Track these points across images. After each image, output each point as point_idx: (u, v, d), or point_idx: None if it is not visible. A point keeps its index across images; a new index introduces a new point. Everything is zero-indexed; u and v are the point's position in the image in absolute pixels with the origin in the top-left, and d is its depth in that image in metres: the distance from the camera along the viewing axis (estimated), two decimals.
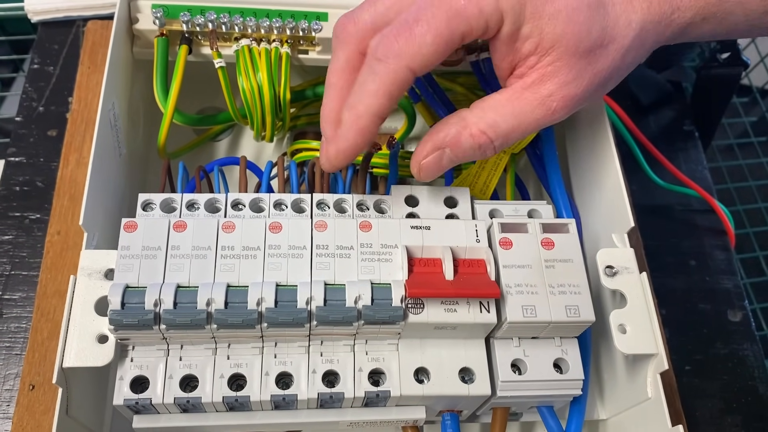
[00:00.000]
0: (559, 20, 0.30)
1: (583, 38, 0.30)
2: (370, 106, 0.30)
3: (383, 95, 0.30)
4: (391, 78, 0.30)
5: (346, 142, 0.31)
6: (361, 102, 0.30)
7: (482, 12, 0.29)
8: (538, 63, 0.31)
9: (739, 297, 0.51)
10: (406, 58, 0.29)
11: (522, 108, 0.31)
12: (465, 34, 0.30)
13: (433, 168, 0.33)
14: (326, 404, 0.32)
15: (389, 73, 0.29)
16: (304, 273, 0.31)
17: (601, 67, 0.31)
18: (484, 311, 0.31)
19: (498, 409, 0.35)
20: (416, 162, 0.33)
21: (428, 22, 0.29)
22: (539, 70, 0.31)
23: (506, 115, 0.31)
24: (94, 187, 0.35)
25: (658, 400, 0.33)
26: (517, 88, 0.31)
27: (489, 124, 0.31)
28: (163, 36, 0.42)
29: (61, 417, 0.31)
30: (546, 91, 0.31)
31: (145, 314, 0.29)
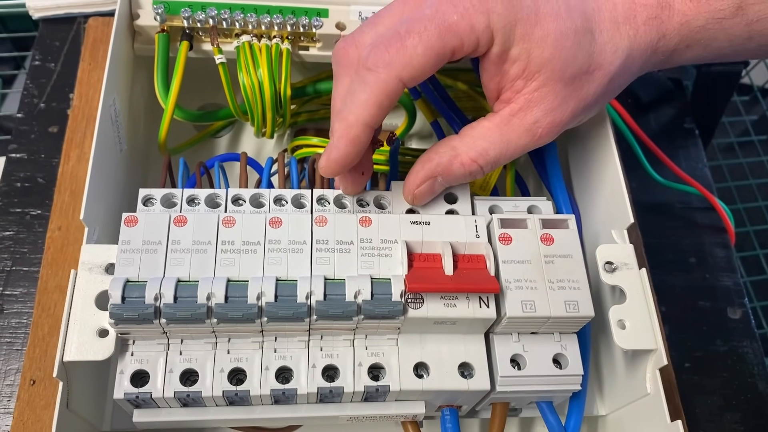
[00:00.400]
0: (547, 44, 0.30)
1: (569, 64, 0.31)
2: (360, 115, 0.30)
3: (373, 105, 0.30)
4: (381, 87, 0.30)
5: (337, 152, 0.31)
6: (351, 112, 0.30)
7: (473, 29, 0.29)
8: (525, 88, 0.31)
9: (738, 294, 0.51)
10: (396, 67, 0.29)
11: (509, 135, 0.32)
12: (455, 49, 0.30)
13: (426, 195, 0.34)
14: (326, 399, 0.32)
15: (379, 82, 0.30)
16: (304, 268, 0.31)
17: (586, 93, 0.32)
18: (484, 306, 0.31)
19: (497, 404, 0.35)
20: (409, 191, 0.34)
21: (420, 35, 0.29)
22: (525, 96, 0.31)
23: (495, 142, 0.32)
24: (94, 183, 0.35)
25: (657, 396, 0.34)
26: (504, 115, 0.32)
27: (479, 153, 0.32)
28: (164, 32, 0.42)
29: (62, 411, 0.31)
30: (532, 118, 0.32)
31: (145, 308, 0.29)
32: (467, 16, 0.29)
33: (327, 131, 0.48)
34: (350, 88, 0.31)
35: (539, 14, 0.30)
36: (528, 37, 0.30)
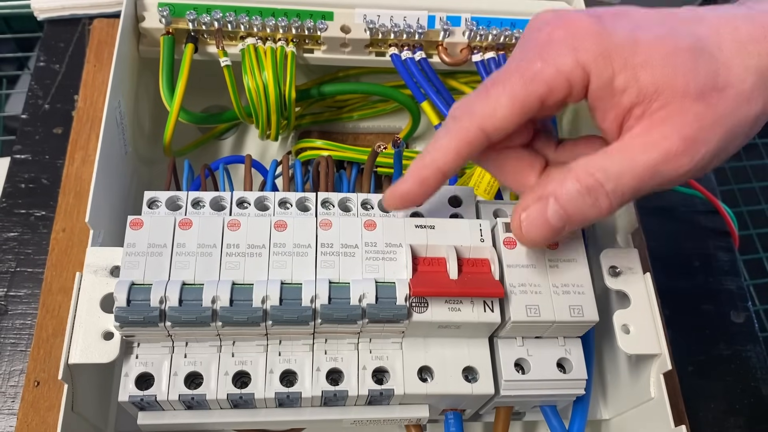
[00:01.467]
0: (655, 66, 0.28)
1: (689, 80, 0.28)
2: (436, 159, 0.30)
3: (451, 151, 0.29)
4: (462, 135, 0.29)
5: (404, 186, 0.31)
6: (429, 154, 0.30)
7: (560, 72, 0.28)
8: (646, 111, 0.28)
9: (742, 298, 0.51)
10: (479, 118, 0.29)
11: (633, 151, 0.28)
12: (544, 96, 0.28)
13: (536, 221, 0.30)
14: (330, 402, 0.32)
15: (460, 130, 0.29)
16: (308, 271, 0.31)
17: (724, 111, 0.28)
18: (488, 310, 0.31)
19: (501, 408, 0.35)
20: (515, 218, 0.31)
21: (504, 85, 0.29)
22: (650, 117, 0.28)
23: (615, 158, 0.28)
24: (99, 185, 0.35)
25: (661, 401, 0.34)
26: (626, 138, 0.29)
27: (596, 167, 0.28)
28: (169, 34, 0.42)
29: (67, 413, 0.31)
30: (659, 134, 0.28)
31: (150, 311, 0.29)
32: (551, 60, 0.28)
33: (331, 134, 0.49)
34: (436, 133, 0.31)
35: (637, 41, 0.28)
36: (630, 64, 0.28)
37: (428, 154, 0.30)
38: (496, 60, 0.44)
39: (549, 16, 0.30)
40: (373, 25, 0.42)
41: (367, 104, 0.49)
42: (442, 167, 0.30)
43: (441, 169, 0.30)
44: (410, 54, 0.43)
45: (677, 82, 0.28)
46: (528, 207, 0.30)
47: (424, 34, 0.43)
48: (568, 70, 0.28)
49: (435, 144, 0.30)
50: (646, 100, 0.28)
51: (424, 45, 0.44)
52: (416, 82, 0.43)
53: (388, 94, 0.46)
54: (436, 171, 0.30)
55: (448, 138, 0.29)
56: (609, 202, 0.29)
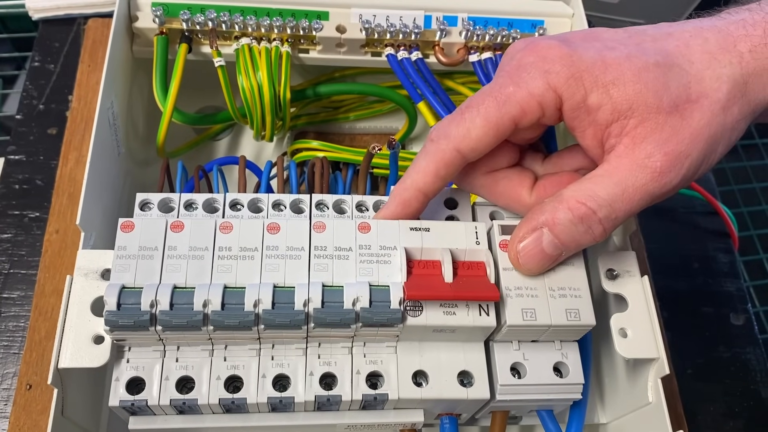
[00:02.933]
0: (626, 82, 0.28)
1: (662, 94, 0.28)
2: (415, 181, 0.31)
3: (430, 173, 0.31)
4: (439, 157, 0.30)
5: (387, 211, 0.32)
6: (409, 176, 0.31)
7: (532, 95, 0.29)
8: (625, 128, 0.29)
9: (742, 300, 0.51)
10: (455, 140, 0.30)
11: (621, 174, 0.29)
12: (517, 117, 0.29)
13: (533, 252, 0.30)
14: (323, 407, 0.32)
15: (437, 152, 0.30)
16: (302, 274, 0.31)
17: (700, 122, 0.28)
18: (484, 314, 0.31)
19: (497, 412, 0.34)
20: (512, 247, 0.31)
21: (478, 108, 0.30)
22: (629, 135, 0.29)
23: (605, 184, 0.29)
24: (91, 187, 0.35)
25: (659, 405, 0.33)
26: (611, 159, 0.29)
27: (587, 195, 0.29)
28: (162, 34, 0.41)
29: (57, 418, 0.31)
30: (643, 153, 0.28)
31: (141, 315, 0.29)
32: (522, 84, 0.29)
33: (327, 134, 0.48)
34: (416, 158, 0.32)
35: (606, 61, 0.29)
36: (601, 83, 0.28)
37: (408, 177, 0.31)
38: (493, 60, 0.43)
39: (520, 45, 0.31)
40: (369, 24, 0.42)
41: (364, 105, 0.49)
42: (422, 188, 0.31)
43: (421, 190, 0.31)
44: (406, 54, 0.43)
45: (649, 98, 0.28)
46: (524, 239, 0.31)
47: (420, 34, 0.43)
48: (540, 92, 0.29)
49: (414, 166, 0.31)
50: (621, 117, 0.29)
51: (420, 45, 0.43)
52: (412, 82, 0.43)
53: (385, 94, 0.46)
54: (417, 192, 0.31)
55: (426, 160, 0.31)
56: (602, 228, 0.29)
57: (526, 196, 0.33)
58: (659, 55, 0.29)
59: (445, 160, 0.30)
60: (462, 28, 0.43)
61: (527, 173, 0.33)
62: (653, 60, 0.29)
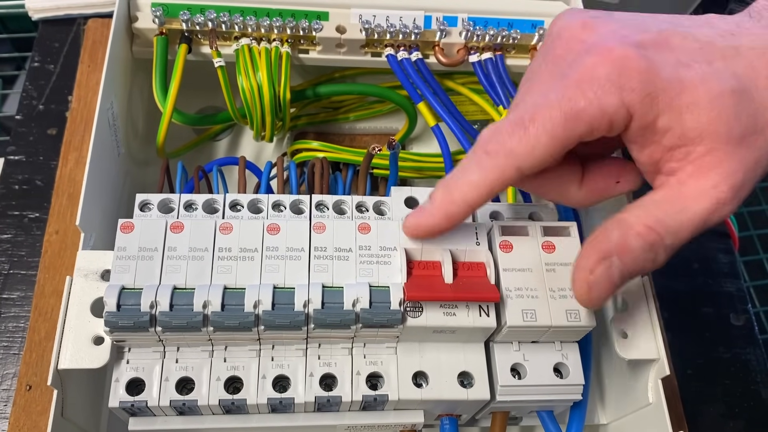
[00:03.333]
0: (701, 109, 0.27)
1: (732, 125, 0.27)
2: (466, 195, 0.29)
3: (484, 189, 0.28)
4: (497, 175, 0.28)
5: (431, 220, 0.30)
6: (458, 189, 0.29)
7: (605, 113, 0.27)
8: (690, 155, 0.27)
9: (742, 300, 0.51)
10: (517, 158, 0.27)
11: (685, 203, 0.27)
12: (583, 135, 0.27)
13: (604, 285, 0.28)
14: (323, 408, 0.32)
15: (496, 169, 0.28)
16: (301, 275, 0.31)
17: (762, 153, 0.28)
18: (484, 315, 0.31)
19: (497, 413, 0.34)
20: (582, 279, 0.29)
21: (544, 125, 0.27)
22: (695, 163, 0.27)
23: (670, 211, 0.28)
24: (91, 187, 0.35)
25: (659, 406, 0.33)
26: (673, 184, 0.28)
27: (655, 220, 0.28)
28: (162, 35, 0.41)
29: (57, 419, 0.31)
30: (710, 183, 0.27)
31: (140, 316, 0.29)
32: (596, 100, 0.27)
33: (327, 135, 0.48)
34: (465, 161, 0.29)
35: (683, 82, 0.27)
36: (675, 106, 0.27)
37: (457, 190, 0.29)
38: (493, 60, 0.43)
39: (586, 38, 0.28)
40: (369, 25, 0.42)
41: (364, 105, 0.49)
42: (471, 203, 0.29)
43: (471, 205, 0.29)
44: (406, 54, 0.43)
45: (721, 128, 0.27)
46: (594, 270, 0.28)
47: (420, 34, 0.43)
48: (613, 111, 0.27)
49: (465, 178, 0.29)
50: (689, 144, 0.27)
51: (420, 45, 0.43)
52: (412, 82, 0.43)
53: (384, 94, 0.45)
54: (466, 207, 0.29)
55: (481, 175, 0.28)
56: (665, 256, 0.28)
57: (575, 191, 0.31)
58: (732, 80, 0.27)
59: (503, 179, 0.28)
60: (462, 28, 0.43)
61: (576, 166, 0.31)
62: (728, 86, 0.27)
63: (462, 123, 0.42)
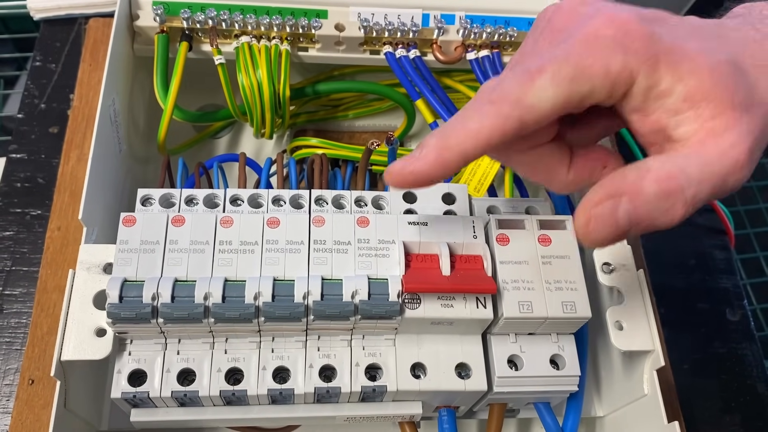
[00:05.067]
0: (703, 75, 0.26)
1: (734, 92, 0.26)
2: (462, 143, 0.27)
3: (482, 139, 0.26)
4: (499, 124, 0.26)
5: (421, 165, 0.27)
6: (455, 135, 0.27)
7: (609, 73, 0.26)
8: (700, 118, 0.26)
9: (738, 297, 0.51)
10: (521, 108, 0.26)
11: (709, 157, 0.26)
12: (585, 96, 0.26)
13: (606, 221, 0.26)
14: (323, 399, 0.32)
15: (499, 118, 0.26)
16: (301, 268, 0.31)
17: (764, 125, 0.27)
18: (481, 307, 0.31)
19: (495, 405, 0.35)
20: (584, 211, 0.27)
21: (552, 76, 0.26)
22: (705, 126, 0.26)
23: (695, 163, 0.26)
24: (93, 182, 0.35)
25: (655, 397, 0.34)
26: (694, 144, 0.26)
27: (678, 169, 0.26)
28: (163, 33, 0.42)
29: (60, 410, 0.31)
30: (728, 142, 0.26)
31: (142, 308, 0.29)
32: (602, 57, 0.26)
33: (326, 132, 0.49)
34: (464, 110, 0.27)
35: (684, 50, 0.27)
36: (677, 71, 0.26)
37: (454, 135, 0.27)
38: (491, 58, 0.44)
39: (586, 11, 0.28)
40: (368, 23, 0.43)
41: (362, 103, 0.49)
42: (467, 152, 0.27)
43: (466, 154, 0.27)
44: (404, 52, 0.43)
45: (724, 94, 0.26)
46: (600, 203, 0.27)
47: (418, 32, 0.43)
48: (617, 70, 0.26)
49: (463, 124, 0.27)
50: (695, 107, 0.26)
51: (418, 43, 0.44)
52: (411, 80, 0.43)
53: (383, 92, 0.46)
54: (461, 156, 0.27)
55: (481, 123, 0.26)
56: (684, 211, 0.26)
57: (564, 173, 0.30)
58: (727, 55, 0.27)
59: (505, 129, 0.26)
60: (459, 26, 0.43)
61: (565, 149, 0.31)
62: (725, 58, 0.27)
63: None
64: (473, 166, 0.41)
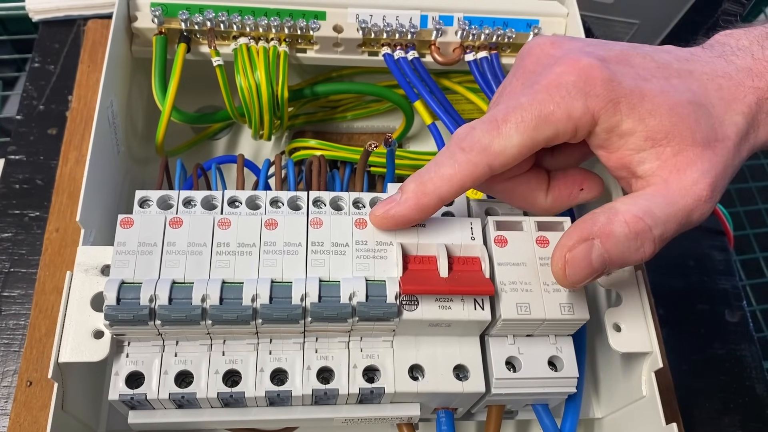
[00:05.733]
0: (662, 114, 0.29)
1: (695, 129, 0.29)
2: (439, 188, 0.30)
3: (455, 184, 0.30)
4: (470, 170, 0.29)
5: (401, 210, 0.31)
6: (431, 181, 0.30)
7: (570, 117, 0.29)
8: (662, 155, 0.29)
9: (737, 298, 0.51)
10: (489, 155, 0.29)
11: (672, 197, 0.28)
12: (550, 139, 0.29)
13: (580, 264, 0.29)
14: (321, 401, 0.32)
15: (468, 164, 0.29)
16: (299, 270, 0.31)
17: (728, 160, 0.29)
18: (479, 308, 0.31)
19: (493, 406, 0.35)
20: (560, 256, 0.29)
21: (517, 125, 0.29)
22: (669, 162, 0.29)
23: (659, 203, 0.28)
24: (91, 184, 0.35)
25: (653, 399, 0.34)
26: (659, 182, 0.29)
27: (644, 210, 0.28)
28: (161, 34, 0.42)
29: (57, 412, 0.31)
30: (690, 179, 0.28)
31: (140, 310, 0.29)
32: (564, 104, 0.28)
33: (324, 133, 0.49)
34: (438, 157, 0.30)
35: (643, 92, 0.29)
36: (637, 111, 0.29)
37: (430, 182, 0.30)
38: (489, 59, 0.44)
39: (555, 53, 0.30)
40: (366, 24, 0.43)
41: (361, 104, 0.49)
42: (443, 196, 0.30)
43: (442, 198, 0.30)
44: (403, 53, 0.43)
45: (684, 131, 0.28)
46: (574, 248, 0.29)
47: (416, 33, 0.43)
48: (578, 115, 0.28)
49: (438, 171, 0.30)
50: (657, 145, 0.29)
51: (416, 44, 0.44)
52: (409, 81, 0.43)
53: (382, 93, 0.46)
54: (437, 200, 0.30)
55: (454, 169, 0.29)
56: (653, 248, 0.29)
57: (542, 199, 0.33)
58: (689, 93, 0.29)
59: (476, 175, 0.29)
60: (458, 27, 0.43)
61: (543, 175, 0.33)
62: (685, 98, 0.29)
63: (458, 121, 0.42)
64: None
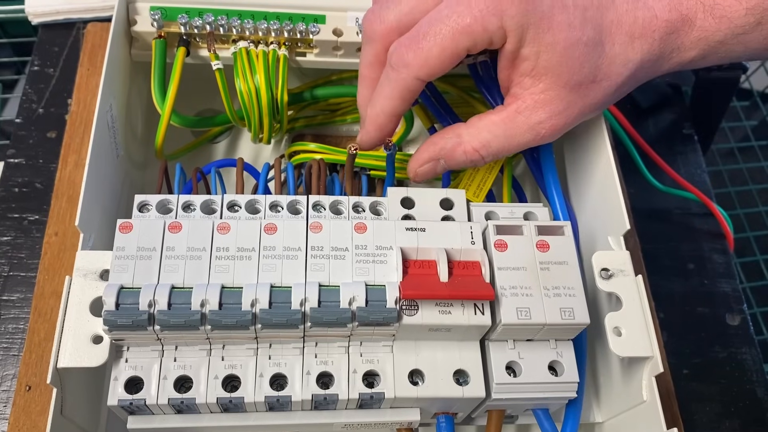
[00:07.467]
0: (555, 51, 0.32)
1: (574, 72, 0.33)
2: (384, 107, 0.35)
3: (396, 98, 0.34)
4: (402, 85, 0.34)
5: (368, 134, 0.36)
6: (378, 103, 0.35)
7: (486, 30, 0.32)
8: (532, 87, 0.33)
9: (737, 301, 0.51)
10: (414, 69, 0.33)
11: (513, 131, 0.34)
12: (469, 48, 0.32)
13: (427, 174, 0.37)
14: (320, 406, 0.32)
15: (399, 80, 0.33)
16: (298, 274, 0.31)
17: (592, 100, 0.34)
18: (479, 313, 0.31)
19: (493, 411, 0.35)
20: (413, 168, 0.37)
21: (435, 37, 0.32)
22: (532, 96, 0.34)
23: (499, 136, 0.34)
24: (90, 188, 0.35)
25: (654, 403, 0.33)
26: (511, 112, 0.34)
27: (482, 143, 0.35)
28: (161, 38, 0.42)
29: (56, 417, 0.31)
30: (537, 119, 0.34)
31: (139, 315, 0.29)
32: (480, 18, 0.31)
33: (325, 137, 0.49)
34: (380, 79, 0.35)
35: (552, 21, 0.32)
36: (538, 41, 0.32)
37: (378, 104, 0.35)
38: (488, 63, 0.43)
39: None
40: None
41: None
42: (392, 112, 0.35)
43: (391, 113, 0.35)
44: None
45: (564, 73, 0.33)
46: (424, 164, 0.36)
47: None
48: (493, 30, 0.32)
49: (381, 94, 0.35)
50: (535, 76, 0.33)
51: None
52: None
53: None
54: (390, 116, 0.35)
55: (390, 88, 0.34)
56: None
57: None
58: (593, 31, 0.32)
59: (408, 87, 0.34)
60: None
61: None
62: (585, 37, 0.32)
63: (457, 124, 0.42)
64: (471, 171, 0.40)
